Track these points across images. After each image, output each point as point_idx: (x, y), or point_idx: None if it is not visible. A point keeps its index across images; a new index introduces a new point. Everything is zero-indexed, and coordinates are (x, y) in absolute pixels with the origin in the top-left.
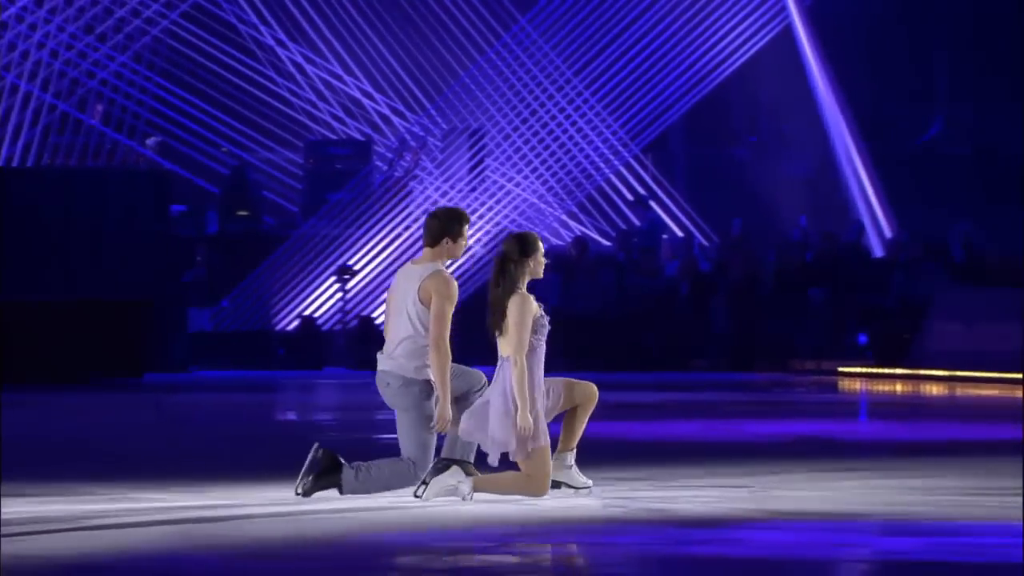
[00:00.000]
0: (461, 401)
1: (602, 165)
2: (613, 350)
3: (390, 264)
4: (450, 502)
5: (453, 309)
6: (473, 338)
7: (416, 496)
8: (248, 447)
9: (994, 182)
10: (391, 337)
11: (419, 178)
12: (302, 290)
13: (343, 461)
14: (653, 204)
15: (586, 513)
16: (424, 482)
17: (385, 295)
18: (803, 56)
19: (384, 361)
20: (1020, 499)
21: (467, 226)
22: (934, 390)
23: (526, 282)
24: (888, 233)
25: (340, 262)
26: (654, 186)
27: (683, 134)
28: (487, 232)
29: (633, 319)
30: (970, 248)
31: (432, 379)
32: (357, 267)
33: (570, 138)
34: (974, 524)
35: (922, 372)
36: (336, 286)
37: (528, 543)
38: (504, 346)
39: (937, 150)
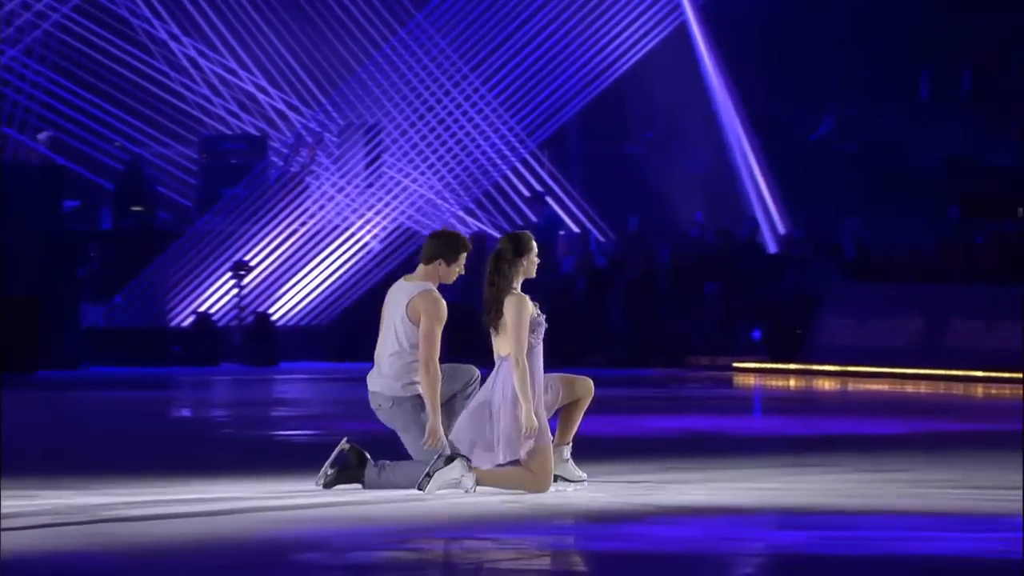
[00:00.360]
0: (457, 397)
1: (499, 161)
2: None
3: (286, 260)
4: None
5: (442, 329)
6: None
7: (419, 489)
8: (142, 445)
9: (883, 179)
10: (379, 351)
11: (315, 173)
12: (197, 286)
13: (368, 457)
14: (550, 200)
15: (485, 510)
16: (428, 475)
17: (280, 291)
18: (697, 54)
19: (373, 380)
20: (912, 490)
21: (464, 255)
22: (826, 385)
23: (520, 281)
24: (782, 229)
25: (236, 258)
26: (551, 182)
27: (579, 130)
28: (384, 228)
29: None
30: (861, 244)
31: (422, 395)
32: (253, 263)
33: (467, 134)
34: (867, 517)
35: (815, 367)
36: (232, 282)
37: (422, 539)
38: (502, 345)
39: (828, 148)
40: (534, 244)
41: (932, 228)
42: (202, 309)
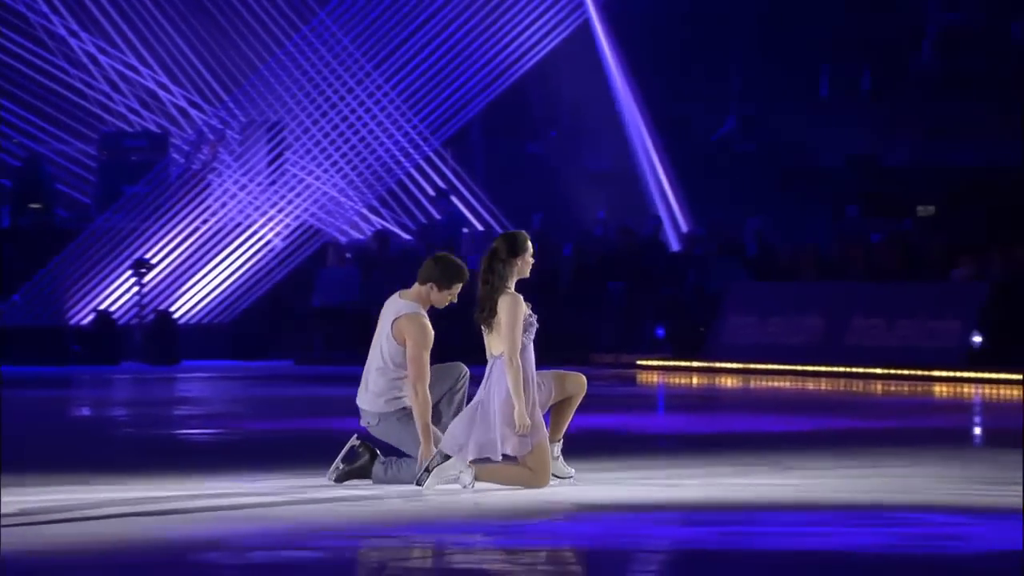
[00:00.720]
0: (447, 396)
1: (402, 159)
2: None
3: (187, 258)
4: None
5: (429, 352)
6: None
7: (418, 484)
8: (43, 445)
9: (784, 178)
10: (368, 364)
11: (217, 171)
12: (97, 284)
13: (378, 453)
14: (453, 198)
15: (394, 507)
16: (427, 470)
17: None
18: (601, 52)
19: (361, 397)
20: (812, 483)
21: (459, 285)
22: (729, 383)
23: (515, 281)
24: (685, 228)
25: (136, 256)
26: (454, 180)
27: (483, 128)
28: (287, 226)
29: (432, 313)
30: (763, 243)
31: (406, 405)
32: (154, 261)
33: (370, 132)
34: (769, 513)
35: (717, 365)
36: (132, 280)
37: (319, 539)
38: (495, 344)
39: (730, 147)
40: (529, 244)
41: (833, 227)
42: (102, 307)
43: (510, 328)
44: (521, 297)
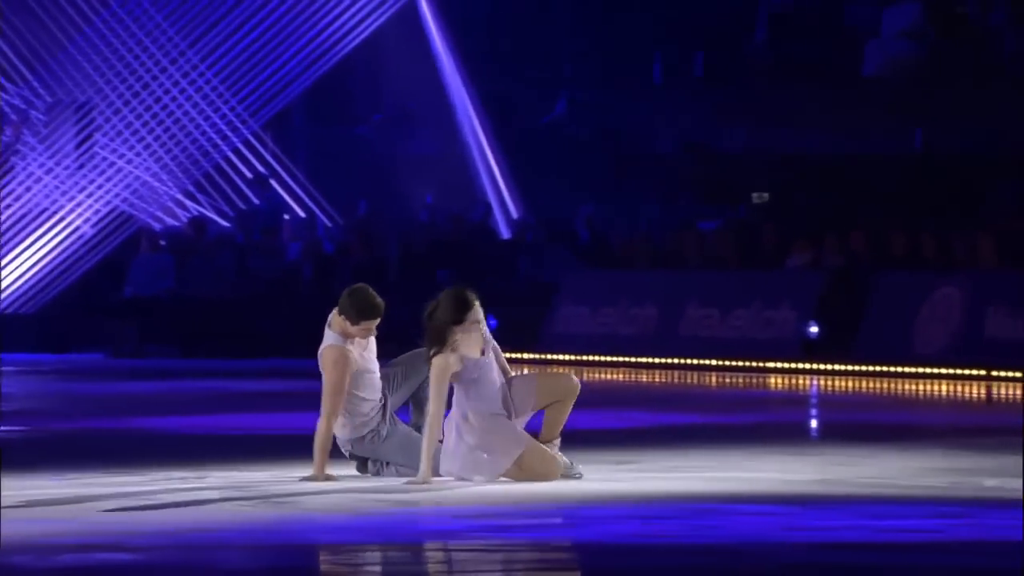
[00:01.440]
0: (424, 385)
1: (219, 142)
2: (230, 336)
3: None
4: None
5: (344, 385)
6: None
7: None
8: None
9: (617, 164)
10: None
11: (21, 154)
12: None
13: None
14: (274, 183)
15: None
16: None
17: None
18: (428, 32)
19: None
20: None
21: (371, 322)
22: None
23: (455, 341)
24: (515, 214)
25: None
26: (275, 164)
27: (305, 111)
28: (97, 212)
29: (252, 303)
30: (595, 230)
31: (373, 427)
32: None
33: (185, 114)
34: (592, 507)
35: (550, 356)
36: None
37: (146, 540)
38: (470, 348)
39: (561, 131)
40: (472, 309)
41: (666, 214)
42: None
43: (433, 387)
44: (454, 356)
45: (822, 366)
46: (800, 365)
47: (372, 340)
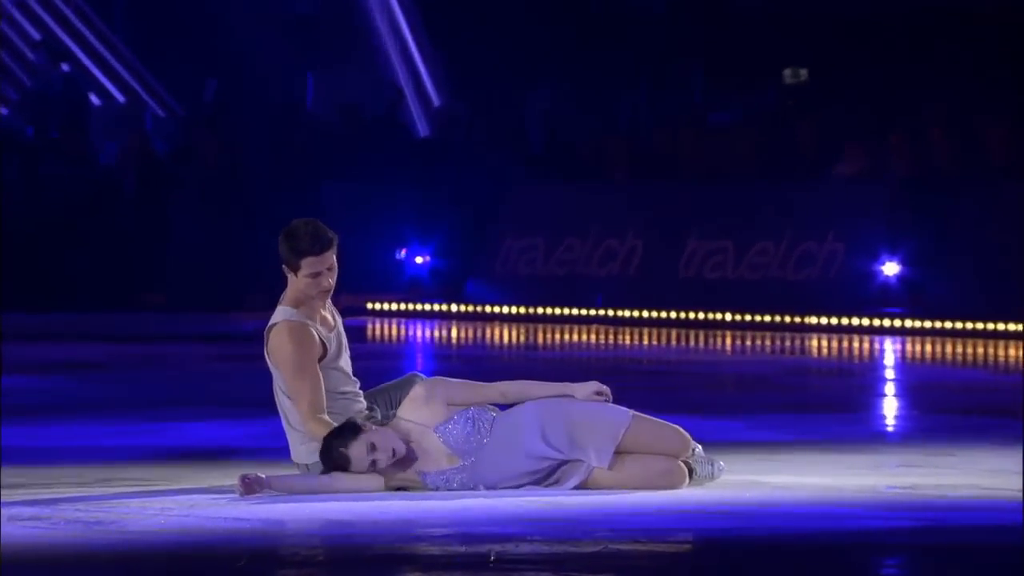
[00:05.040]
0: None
1: None
2: (15, 280)
3: None
4: None
5: (315, 366)
6: None
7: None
8: None
9: (583, 30)
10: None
11: None
12: None
13: None
14: (78, 51)
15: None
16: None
17: None
18: None
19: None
20: None
21: (312, 258)
22: None
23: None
24: (436, 101)
25: None
26: (78, 23)
27: None
28: None
29: (49, 229)
30: (552, 127)
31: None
32: None
33: None
34: None
35: (488, 309)
36: None
37: None
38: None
39: None
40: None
41: (656, 101)
42: None
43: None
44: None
45: (886, 323)
46: (854, 321)
47: (340, 327)
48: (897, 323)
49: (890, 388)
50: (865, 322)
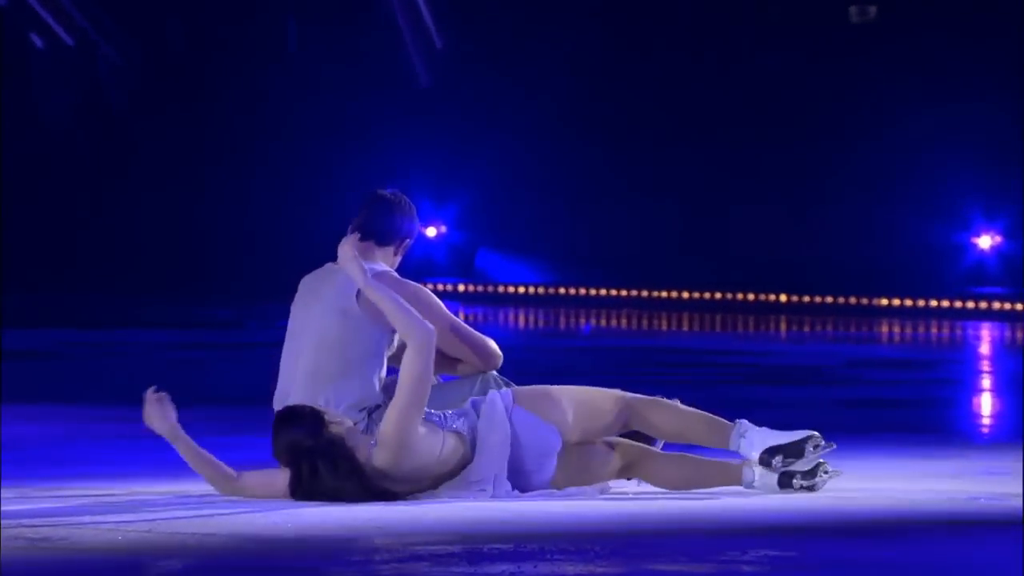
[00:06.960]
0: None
1: None
2: None
3: None
4: None
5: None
6: None
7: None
8: None
9: None
10: (289, 369)
11: None
12: None
13: None
14: None
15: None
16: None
17: None
18: None
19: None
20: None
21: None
22: None
23: None
24: None
25: None
26: None
27: None
28: None
29: None
30: None
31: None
32: None
33: None
34: None
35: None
36: None
37: None
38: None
39: None
40: None
41: None
42: None
43: None
44: None
45: (982, 306)
46: (940, 303)
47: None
48: (996, 306)
49: (985, 382)
50: (947, 304)
